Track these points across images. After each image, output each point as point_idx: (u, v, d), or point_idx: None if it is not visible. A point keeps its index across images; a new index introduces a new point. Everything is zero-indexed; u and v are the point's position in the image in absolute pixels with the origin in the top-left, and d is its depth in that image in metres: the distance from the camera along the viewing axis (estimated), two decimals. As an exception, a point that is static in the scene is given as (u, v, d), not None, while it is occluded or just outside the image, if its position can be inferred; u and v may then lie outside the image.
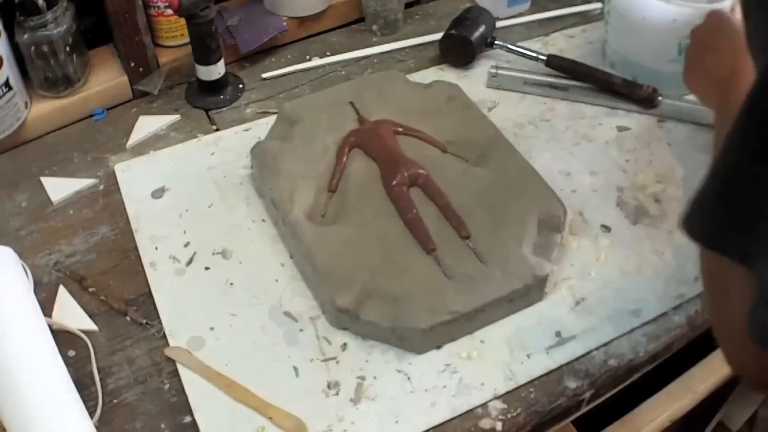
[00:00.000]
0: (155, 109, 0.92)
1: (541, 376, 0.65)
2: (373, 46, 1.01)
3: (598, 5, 1.06)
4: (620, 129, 0.88)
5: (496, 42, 0.96)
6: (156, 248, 0.75)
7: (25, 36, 0.82)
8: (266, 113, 0.91)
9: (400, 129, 0.80)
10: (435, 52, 0.99)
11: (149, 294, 0.72)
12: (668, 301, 0.71)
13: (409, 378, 0.65)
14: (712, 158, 0.53)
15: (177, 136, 0.88)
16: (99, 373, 0.65)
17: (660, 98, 0.88)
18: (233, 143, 0.86)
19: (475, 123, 0.82)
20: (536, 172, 0.76)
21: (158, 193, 0.80)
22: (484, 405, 0.64)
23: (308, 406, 0.63)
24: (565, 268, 0.73)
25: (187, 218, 0.78)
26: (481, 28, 0.95)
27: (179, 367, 0.66)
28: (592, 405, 0.70)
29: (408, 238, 0.71)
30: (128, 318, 0.70)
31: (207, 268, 0.73)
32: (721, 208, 0.44)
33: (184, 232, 0.77)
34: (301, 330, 0.68)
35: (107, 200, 0.81)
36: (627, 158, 0.84)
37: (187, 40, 0.90)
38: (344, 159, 0.77)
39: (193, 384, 0.65)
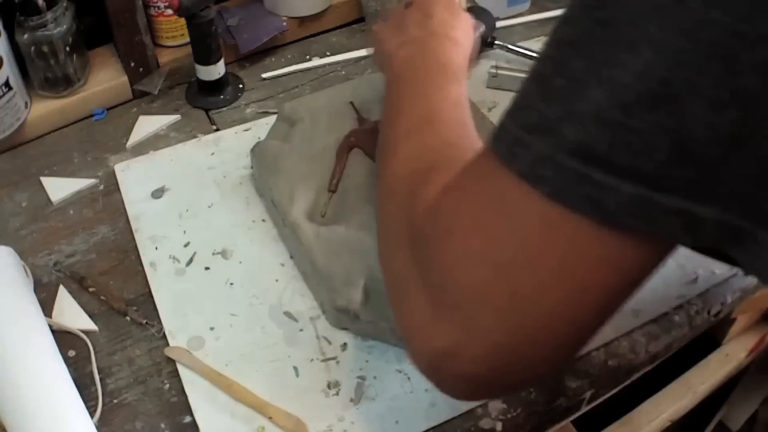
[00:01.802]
0: (155, 109, 0.92)
1: (541, 376, 0.65)
2: (373, 46, 1.01)
3: (598, 5, 1.06)
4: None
5: (496, 42, 0.96)
6: (156, 248, 0.75)
7: (25, 36, 0.82)
8: (266, 113, 0.91)
9: (400, 129, 0.80)
10: (435, 52, 0.98)
11: (149, 294, 0.72)
12: (668, 301, 0.71)
13: (409, 378, 0.65)
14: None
15: (177, 136, 0.88)
16: (99, 373, 0.65)
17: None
18: (233, 143, 0.86)
19: (475, 123, 0.82)
20: (536, 172, 0.76)
21: (158, 193, 0.80)
22: (484, 405, 0.64)
23: (308, 406, 0.63)
24: (565, 268, 0.73)
25: (187, 218, 0.78)
26: (481, 28, 0.95)
27: (179, 367, 0.66)
28: (592, 405, 0.70)
29: (408, 238, 0.71)
30: (128, 318, 0.70)
31: (207, 268, 0.73)
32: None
33: (184, 232, 0.77)
34: (301, 330, 0.68)
35: (107, 200, 0.81)
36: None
37: (187, 40, 0.90)
38: (344, 159, 0.77)
39: (193, 384, 0.65)
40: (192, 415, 0.63)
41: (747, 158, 0.31)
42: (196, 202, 0.79)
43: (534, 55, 0.93)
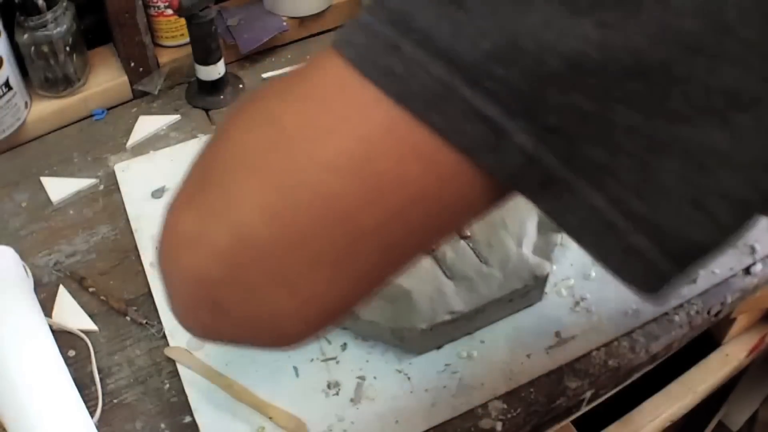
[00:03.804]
0: (155, 109, 0.92)
1: (541, 376, 0.66)
2: (373, 46, 1.00)
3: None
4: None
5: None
6: (156, 248, 0.75)
7: (25, 36, 0.82)
8: (266, 113, 0.91)
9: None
10: (435, 52, 0.98)
11: (149, 294, 0.72)
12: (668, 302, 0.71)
13: (409, 378, 0.65)
14: None
15: (177, 136, 0.88)
16: (99, 373, 0.65)
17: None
18: (233, 143, 0.86)
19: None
20: (536, 172, 0.76)
21: (158, 193, 0.80)
22: (484, 405, 0.64)
23: (308, 406, 0.63)
24: (565, 268, 0.73)
25: (187, 218, 0.78)
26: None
27: (179, 367, 0.66)
28: (592, 405, 0.70)
29: (408, 238, 0.70)
30: (128, 318, 0.70)
31: (207, 268, 0.73)
32: None
33: (184, 232, 0.76)
34: (301, 330, 0.68)
35: (107, 200, 0.81)
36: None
37: (187, 40, 0.90)
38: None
39: (193, 384, 0.65)
40: (192, 415, 0.63)
41: (588, 87, 0.26)
42: (196, 202, 0.79)
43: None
